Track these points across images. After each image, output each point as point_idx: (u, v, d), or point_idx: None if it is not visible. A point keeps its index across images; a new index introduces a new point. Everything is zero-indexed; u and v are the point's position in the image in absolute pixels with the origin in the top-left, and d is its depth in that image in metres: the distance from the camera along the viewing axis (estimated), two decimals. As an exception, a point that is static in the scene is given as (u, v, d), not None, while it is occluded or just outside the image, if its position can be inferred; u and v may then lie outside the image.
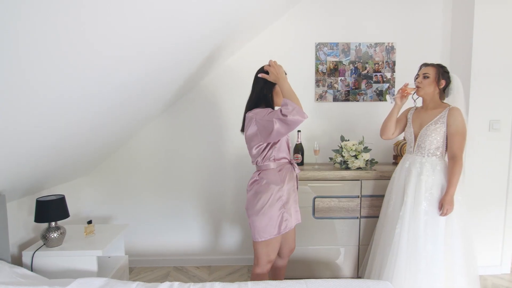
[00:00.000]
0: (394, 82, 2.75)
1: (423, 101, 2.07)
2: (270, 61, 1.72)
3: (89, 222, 2.11)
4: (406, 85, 2.05)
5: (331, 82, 2.71)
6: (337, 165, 2.51)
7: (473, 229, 2.58)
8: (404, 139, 2.36)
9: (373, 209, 2.43)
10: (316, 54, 2.68)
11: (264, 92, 1.74)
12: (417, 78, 2.03)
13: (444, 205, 1.89)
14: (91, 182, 2.74)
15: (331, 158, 2.59)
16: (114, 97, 1.65)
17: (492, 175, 2.59)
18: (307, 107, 2.73)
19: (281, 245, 1.90)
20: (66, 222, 2.20)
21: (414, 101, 2.15)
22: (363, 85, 2.73)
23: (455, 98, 2.00)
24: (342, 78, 2.71)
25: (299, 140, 2.61)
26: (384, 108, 2.72)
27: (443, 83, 1.98)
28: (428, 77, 1.97)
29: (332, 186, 2.41)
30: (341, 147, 2.47)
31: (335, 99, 2.73)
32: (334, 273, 2.49)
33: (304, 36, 2.69)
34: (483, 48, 2.49)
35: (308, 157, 2.71)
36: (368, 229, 2.44)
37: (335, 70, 2.69)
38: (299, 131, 2.60)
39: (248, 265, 2.81)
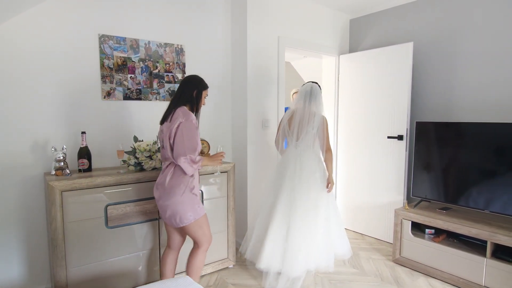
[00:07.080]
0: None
1: None
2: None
3: None
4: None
5: (120, 79, 2.51)
6: (132, 168, 2.37)
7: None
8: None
9: (171, 207, 2.44)
10: (100, 47, 2.41)
11: (194, 96, 2.00)
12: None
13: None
14: None
15: (124, 161, 2.41)
16: None
17: (265, 165, 3.19)
18: (93, 106, 2.44)
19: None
20: None
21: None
22: (155, 84, 2.69)
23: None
24: (132, 75, 2.57)
25: (84, 143, 2.27)
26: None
27: None
28: None
29: (126, 191, 2.24)
30: (134, 148, 2.34)
31: (126, 97, 2.56)
32: (136, 282, 2.33)
33: (86, 25, 2.36)
34: (252, 61, 3.00)
35: (98, 162, 2.42)
36: (167, 228, 2.44)
37: (123, 66, 2.52)
38: (83, 132, 2.27)
39: None
